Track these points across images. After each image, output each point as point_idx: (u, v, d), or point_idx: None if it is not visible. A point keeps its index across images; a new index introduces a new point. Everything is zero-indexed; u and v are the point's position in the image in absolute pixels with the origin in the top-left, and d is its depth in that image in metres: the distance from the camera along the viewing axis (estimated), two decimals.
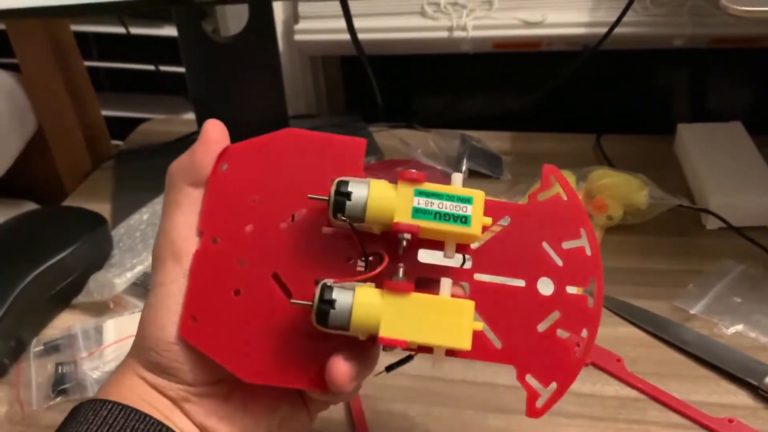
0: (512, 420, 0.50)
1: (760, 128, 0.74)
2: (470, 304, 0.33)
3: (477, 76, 0.97)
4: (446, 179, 0.34)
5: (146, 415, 0.33)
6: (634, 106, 0.93)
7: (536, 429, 0.49)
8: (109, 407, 0.33)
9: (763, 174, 0.68)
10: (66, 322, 0.62)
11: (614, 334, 0.57)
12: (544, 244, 0.36)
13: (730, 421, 0.48)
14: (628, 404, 0.51)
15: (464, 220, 0.33)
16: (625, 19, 0.77)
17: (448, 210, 0.33)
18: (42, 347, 0.59)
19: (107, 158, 0.88)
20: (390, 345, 0.33)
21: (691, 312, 0.58)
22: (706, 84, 0.94)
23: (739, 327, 0.56)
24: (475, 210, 0.33)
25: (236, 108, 0.77)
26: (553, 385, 0.35)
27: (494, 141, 0.82)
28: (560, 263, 0.35)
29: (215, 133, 0.36)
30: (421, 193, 0.33)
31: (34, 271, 0.60)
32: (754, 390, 0.51)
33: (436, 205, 0.33)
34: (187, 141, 0.84)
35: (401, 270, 0.34)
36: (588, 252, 0.36)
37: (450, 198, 0.33)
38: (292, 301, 0.34)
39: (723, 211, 0.65)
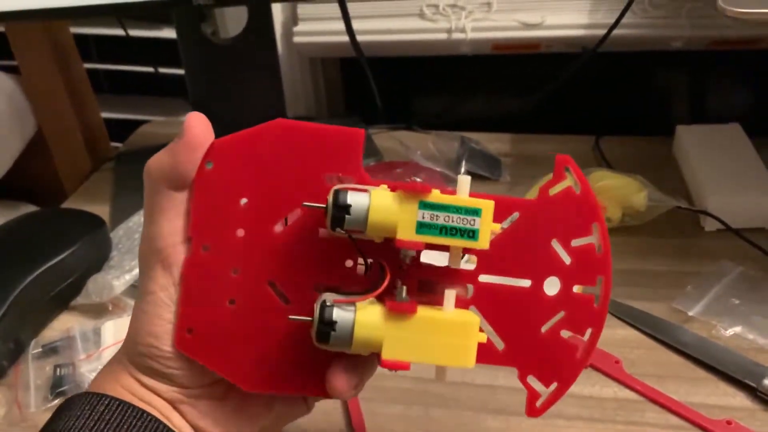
0: (511, 421, 0.50)
1: (759, 130, 0.74)
2: (475, 322, 0.32)
3: (476, 77, 0.97)
4: (445, 181, 0.33)
5: (144, 412, 0.33)
6: (632, 107, 0.93)
7: (535, 430, 0.49)
8: (106, 402, 0.33)
9: (762, 175, 0.68)
10: (65, 324, 0.62)
11: (613, 335, 0.57)
12: (554, 242, 0.34)
13: (729, 422, 0.48)
14: (626, 406, 0.51)
15: (471, 234, 0.31)
16: (624, 20, 0.77)
17: (454, 224, 0.31)
18: (40, 349, 0.59)
19: (107, 160, 0.88)
20: (393, 368, 0.31)
21: (690, 314, 0.58)
22: (705, 86, 0.94)
23: (738, 329, 0.56)
24: (484, 222, 0.31)
25: (236, 110, 0.77)
26: (554, 385, 0.35)
27: (493, 143, 0.82)
28: (568, 261, 0.34)
29: (199, 129, 0.33)
30: (425, 206, 0.31)
31: (33, 273, 0.60)
32: (753, 392, 0.51)
33: (441, 218, 0.31)
34: None
35: (404, 290, 0.32)
36: (598, 249, 0.34)
37: (457, 210, 0.31)
38: (291, 317, 0.33)
39: (721, 213, 0.65)
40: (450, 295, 0.33)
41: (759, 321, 0.56)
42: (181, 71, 0.80)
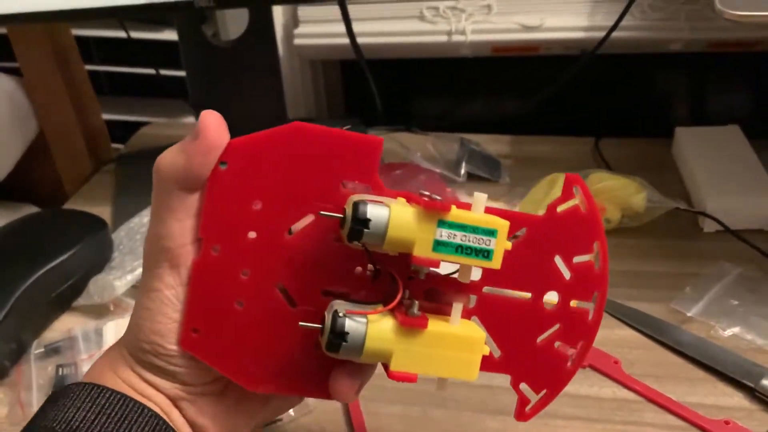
0: (509, 422, 0.50)
1: (758, 132, 0.74)
2: (482, 337, 0.33)
3: (476, 79, 0.97)
4: (445, 183, 0.33)
5: (145, 407, 0.33)
6: (632, 109, 0.93)
7: (533, 430, 0.49)
8: (107, 395, 0.32)
9: (760, 177, 0.68)
10: (66, 325, 0.62)
11: (611, 336, 0.57)
12: (557, 258, 0.35)
13: (726, 422, 0.49)
14: (624, 406, 0.51)
15: (486, 254, 0.31)
16: (623, 23, 0.77)
17: (471, 243, 0.31)
18: (43, 349, 0.59)
19: (108, 162, 0.88)
20: (400, 380, 0.32)
21: (688, 314, 0.58)
22: (704, 88, 0.94)
23: (736, 329, 0.56)
24: (498, 243, 0.31)
25: (236, 112, 0.77)
26: (544, 392, 0.36)
27: (493, 144, 0.82)
28: (568, 276, 0.35)
29: (214, 129, 0.32)
30: (444, 224, 0.31)
31: (35, 274, 0.60)
32: (750, 392, 0.51)
33: (458, 237, 0.31)
34: None
35: (416, 305, 0.32)
36: (597, 266, 0.35)
37: (474, 231, 0.31)
38: (301, 323, 0.33)
39: (720, 214, 0.65)
40: (457, 308, 0.33)
41: (757, 321, 0.56)
42: (182, 73, 0.81)
